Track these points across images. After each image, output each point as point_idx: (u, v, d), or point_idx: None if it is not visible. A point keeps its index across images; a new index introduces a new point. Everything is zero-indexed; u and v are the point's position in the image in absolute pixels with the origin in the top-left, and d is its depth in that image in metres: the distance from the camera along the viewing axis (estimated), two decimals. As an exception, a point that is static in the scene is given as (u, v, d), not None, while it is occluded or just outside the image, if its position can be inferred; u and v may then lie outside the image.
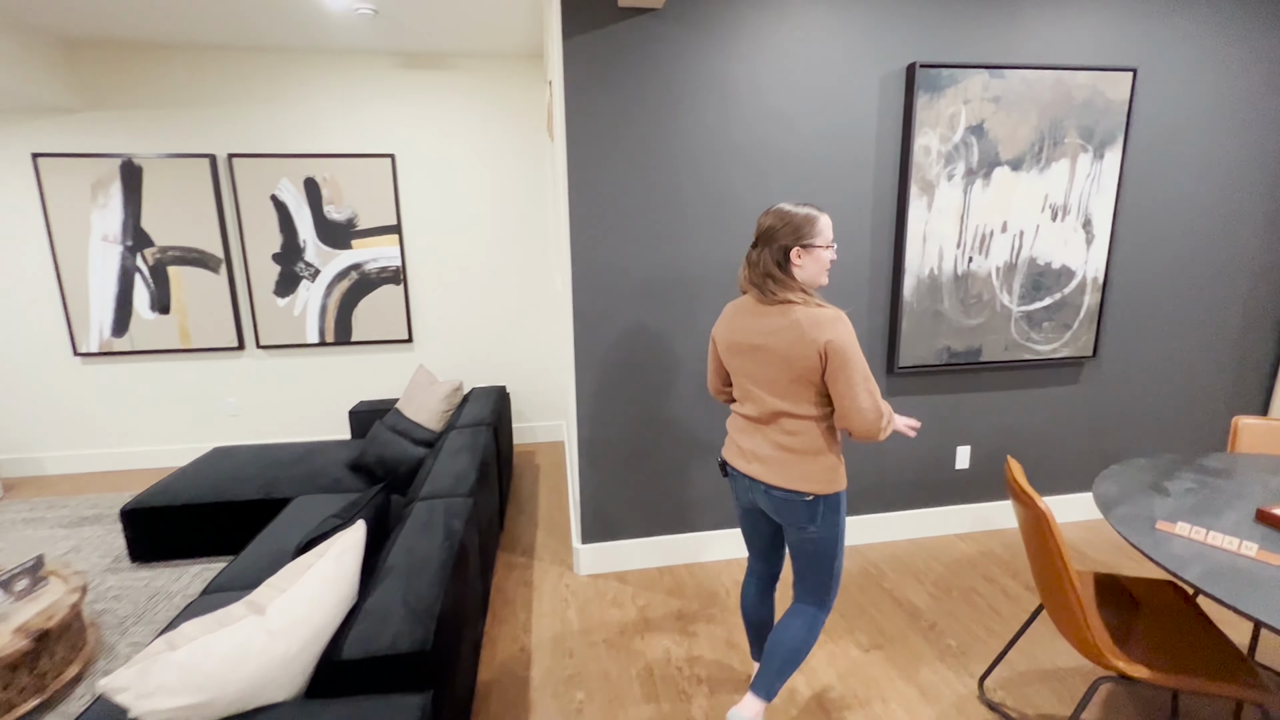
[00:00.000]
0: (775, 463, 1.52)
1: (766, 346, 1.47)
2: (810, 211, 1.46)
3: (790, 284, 1.46)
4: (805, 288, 1.47)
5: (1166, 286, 2.79)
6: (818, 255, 1.47)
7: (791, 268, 1.46)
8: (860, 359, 1.41)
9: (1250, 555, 1.29)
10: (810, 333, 1.40)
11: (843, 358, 1.39)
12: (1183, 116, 2.63)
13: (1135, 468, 1.78)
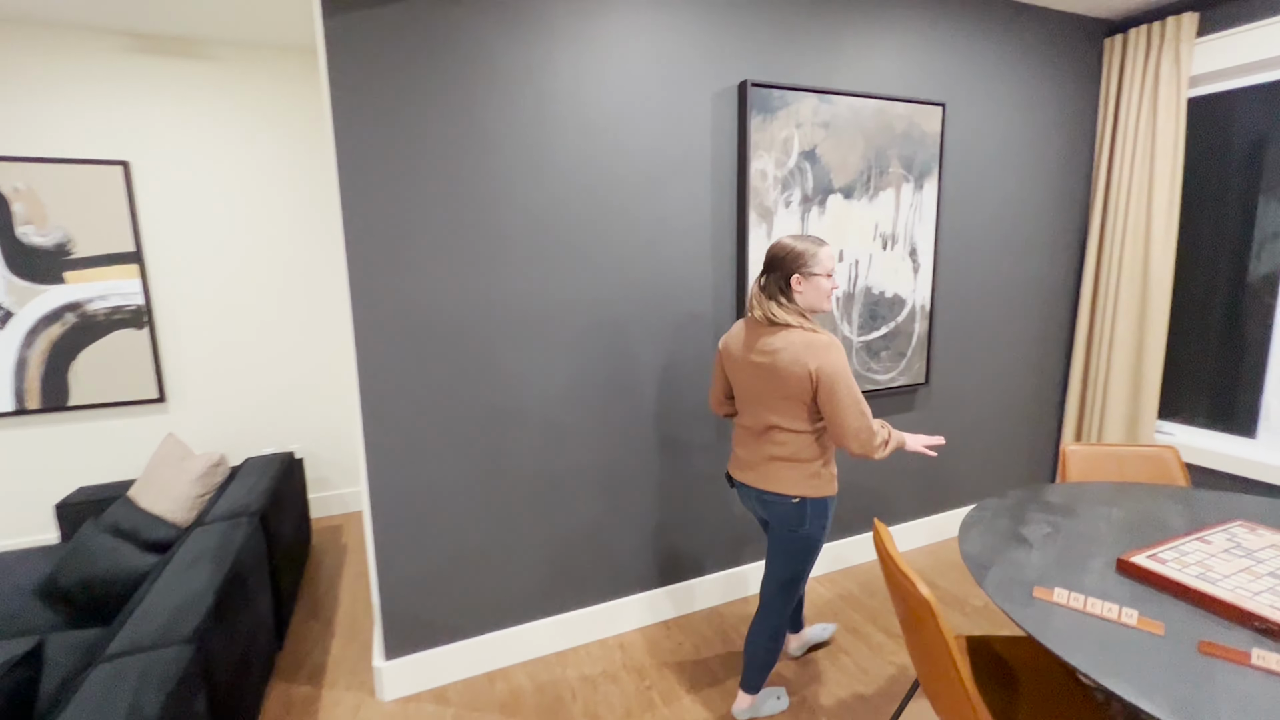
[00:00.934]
0: (765, 470, 1.68)
1: (765, 364, 1.61)
2: (809, 245, 1.60)
3: (791, 309, 1.61)
4: (805, 313, 1.62)
5: (981, 312, 2.91)
6: (817, 283, 1.61)
7: (793, 293, 1.61)
8: (850, 383, 1.53)
9: (1131, 624, 1.15)
10: (803, 356, 1.54)
11: (832, 381, 1.52)
12: (985, 150, 2.77)
13: (990, 513, 1.67)
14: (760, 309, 1.63)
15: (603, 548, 2.27)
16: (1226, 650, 1.06)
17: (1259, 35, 2.52)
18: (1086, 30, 2.93)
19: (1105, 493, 1.78)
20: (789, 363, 1.55)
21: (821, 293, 1.62)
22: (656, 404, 2.28)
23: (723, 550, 2.51)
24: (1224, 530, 1.46)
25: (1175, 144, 2.73)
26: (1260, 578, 1.25)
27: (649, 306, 2.21)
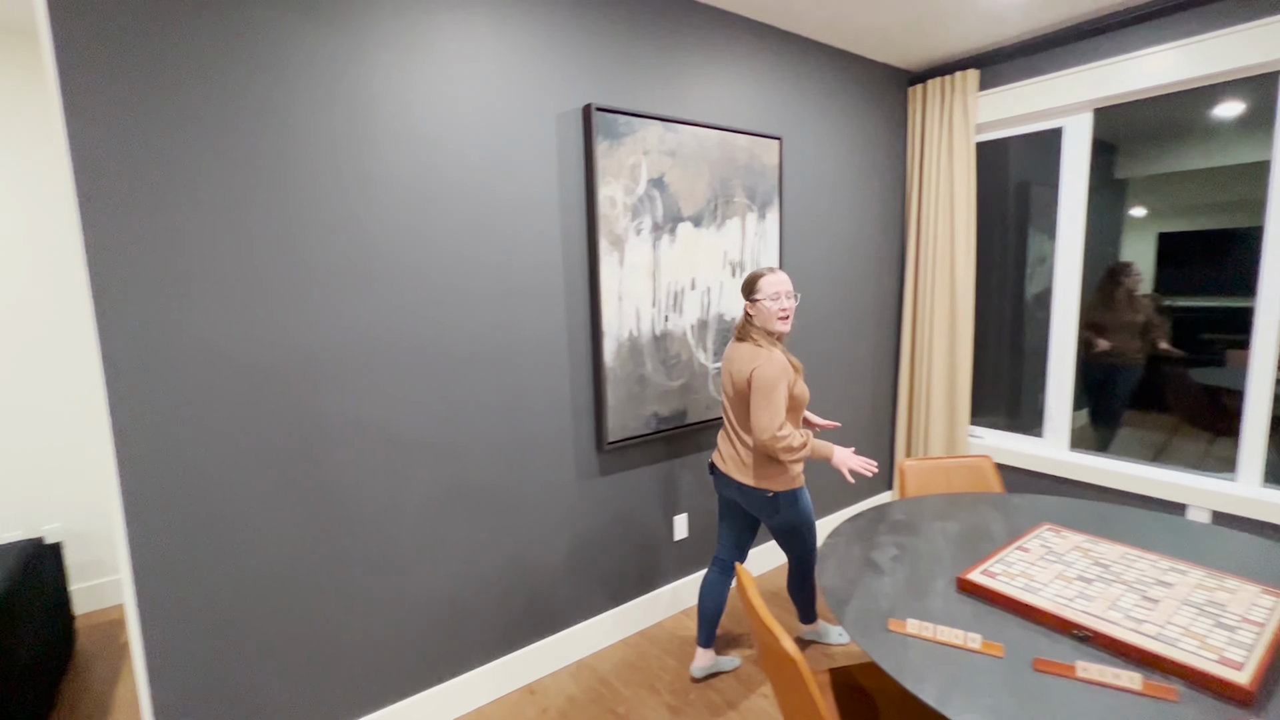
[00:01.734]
0: (737, 465, 2.00)
1: (727, 371, 2.00)
2: (756, 275, 1.96)
3: (755, 329, 1.96)
4: (768, 333, 1.94)
5: (822, 334, 3.08)
6: (761, 307, 1.93)
7: (750, 316, 1.97)
8: (773, 390, 1.82)
9: (976, 648, 1.17)
10: (747, 364, 1.89)
11: (759, 383, 1.84)
12: (818, 182, 2.95)
13: (842, 539, 1.69)
14: (737, 327, 2.03)
15: (458, 612, 2.02)
16: (1056, 666, 1.11)
17: (1021, 93, 2.95)
18: (895, 79, 3.27)
19: (939, 506, 1.90)
20: (738, 370, 1.93)
21: (768, 314, 1.92)
22: (510, 443, 2.08)
23: (596, 596, 2.36)
24: (1036, 536, 1.59)
25: (969, 181, 3.10)
26: (1071, 582, 1.36)
27: (495, 334, 2.02)
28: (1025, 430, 3.24)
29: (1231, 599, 1.27)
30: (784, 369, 1.84)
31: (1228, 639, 1.14)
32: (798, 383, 1.93)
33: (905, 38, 2.84)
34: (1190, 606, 1.25)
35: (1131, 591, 1.31)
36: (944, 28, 2.74)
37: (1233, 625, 1.18)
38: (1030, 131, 3.07)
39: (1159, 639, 1.14)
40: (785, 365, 1.85)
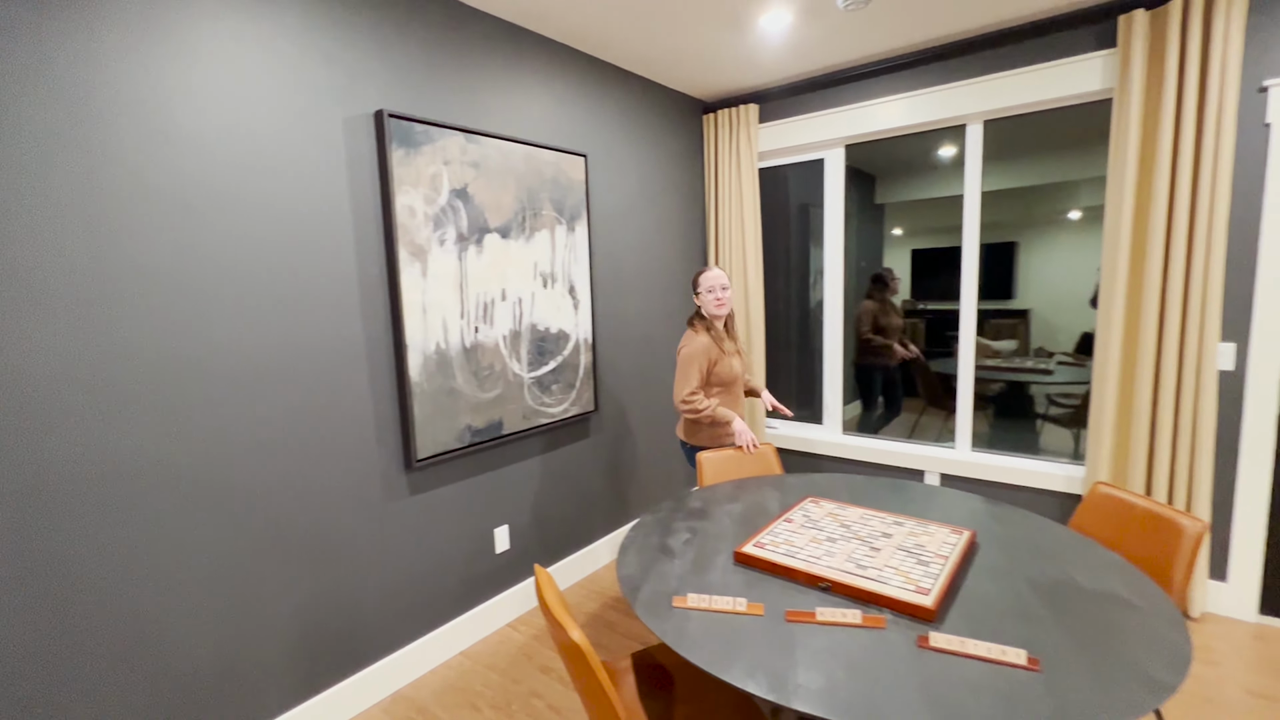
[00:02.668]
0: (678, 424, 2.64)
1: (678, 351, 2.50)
2: (697, 271, 2.65)
3: (695, 316, 2.51)
4: (702, 318, 2.48)
5: (637, 340, 3.26)
6: (700, 296, 2.47)
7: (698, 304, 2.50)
8: (687, 365, 2.40)
9: (742, 610, 1.35)
10: (680, 344, 2.47)
11: (679, 359, 2.43)
12: (624, 199, 3.13)
13: (644, 530, 1.82)
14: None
15: (243, 666, 1.80)
16: (802, 615, 1.32)
17: (791, 127, 3.41)
18: (692, 107, 3.58)
19: (729, 491, 2.12)
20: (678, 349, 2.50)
21: (705, 303, 2.45)
22: (303, 471, 1.91)
23: (412, 622, 2.25)
24: (800, 508, 1.86)
25: (755, 202, 3.50)
26: (822, 543, 1.61)
27: (280, 352, 1.85)
28: (814, 420, 3.74)
29: (930, 540, 1.60)
30: (702, 349, 2.38)
31: (923, 572, 1.44)
32: (720, 361, 2.42)
33: (696, 72, 3.14)
34: (902, 551, 1.55)
35: (863, 544, 1.60)
36: (725, 67, 3.08)
37: (928, 560, 1.49)
38: (802, 160, 3.56)
39: (876, 580, 1.41)
40: (705, 346, 2.39)
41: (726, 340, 2.49)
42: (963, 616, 1.31)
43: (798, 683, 1.12)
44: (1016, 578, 1.46)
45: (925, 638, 1.22)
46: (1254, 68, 2.27)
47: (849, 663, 1.17)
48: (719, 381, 2.46)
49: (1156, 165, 2.38)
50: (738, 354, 2.53)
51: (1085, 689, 1.07)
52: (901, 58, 2.99)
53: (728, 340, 2.51)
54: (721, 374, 2.45)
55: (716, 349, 2.43)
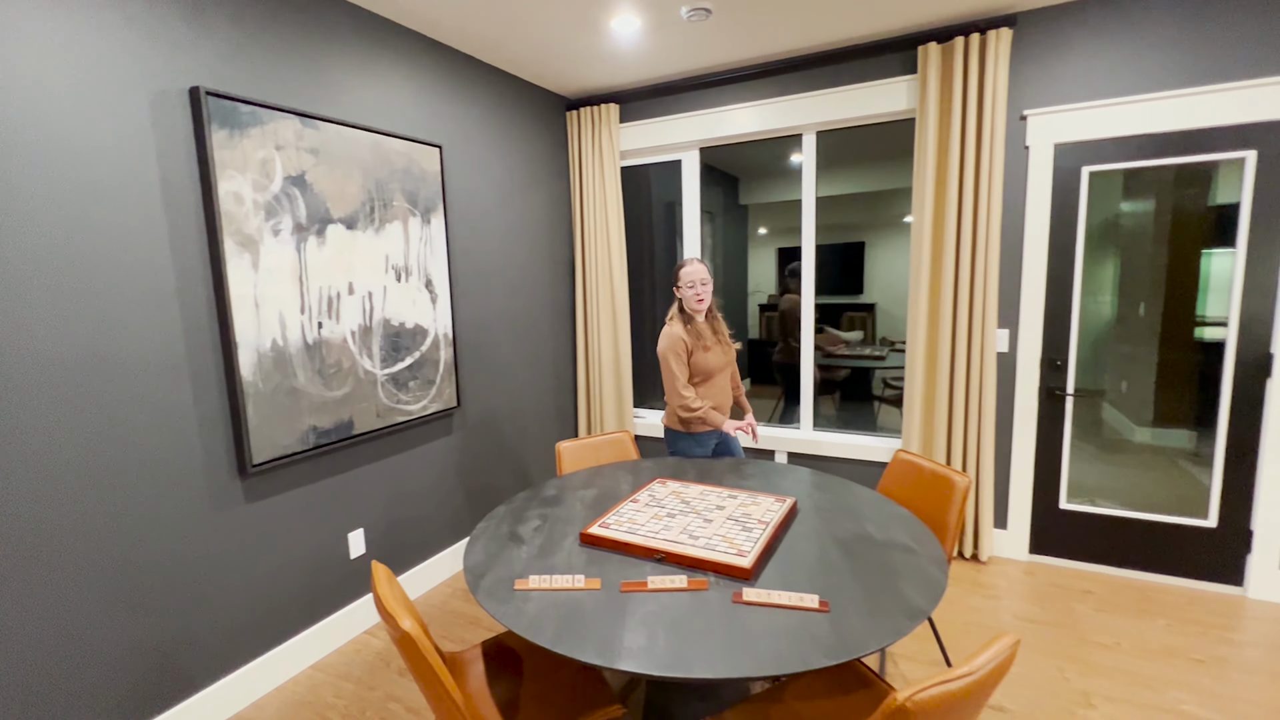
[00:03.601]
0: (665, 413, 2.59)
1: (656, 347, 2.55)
2: (677, 265, 2.51)
3: (675, 310, 2.52)
4: (680, 312, 2.51)
5: (503, 334, 3.25)
6: (680, 291, 2.48)
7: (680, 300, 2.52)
8: (664, 360, 2.45)
9: (581, 587, 1.42)
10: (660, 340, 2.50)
11: (660, 357, 2.46)
12: (486, 192, 3.10)
13: (496, 520, 1.85)
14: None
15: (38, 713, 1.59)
16: (635, 585, 1.42)
17: (651, 128, 3.56)
18: (555, 103, 3.61)
19: (585, 478, 2.20)
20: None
21: (686, 298, 2.45)
22: (110, 484, 1.72)
23: (252, 640, 2.09)
24: (647, 489, 1.98)
25: (618, 200, 3.61)
26: (663, 519, 1.73)
27: (76, 352, 1.65)
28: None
29: (757, 509, 1.78)
30: (674, 341, 2.41)
31: (746, 538, 1.60)
32: (696, 353, 2.43)
33: (558, 69, 3.18)
34: (732, 520, 1.71)
35: (699, 517, 1.74)
36: (586, 66, 3.15)
37: (751, 527, 1.66)
38: (662, 161, 3.72)
39: (705, 548, 1.55)
40: (677, 337, 2.41)
41: (707, 334, 2.48)
42: (776, 572, 1.48)
43: (624, 646, 1.21)
44: (825, 536, 1.67)
45: (739, 594, 1.37)
46: (1017, 99, 2.72)
47: (671, 623, 1.28)
48: (697, 372, 2.46)
49: (948, 178, 2.78)
50: (720, 346, 2.51)
51: (860, 621, 1.27)
52: (747, 69, 3.23)
53: (709, 334, 2.49)
54: (698, 365, 2.45)
55: (691, 340, 2.42)
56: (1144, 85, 2.50)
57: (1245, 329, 2.48)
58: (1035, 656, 2.21)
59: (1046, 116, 2.66)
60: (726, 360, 2.54)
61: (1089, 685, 2.06)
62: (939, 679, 0.95)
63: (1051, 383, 2.81)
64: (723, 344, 2.53)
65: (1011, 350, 2.85)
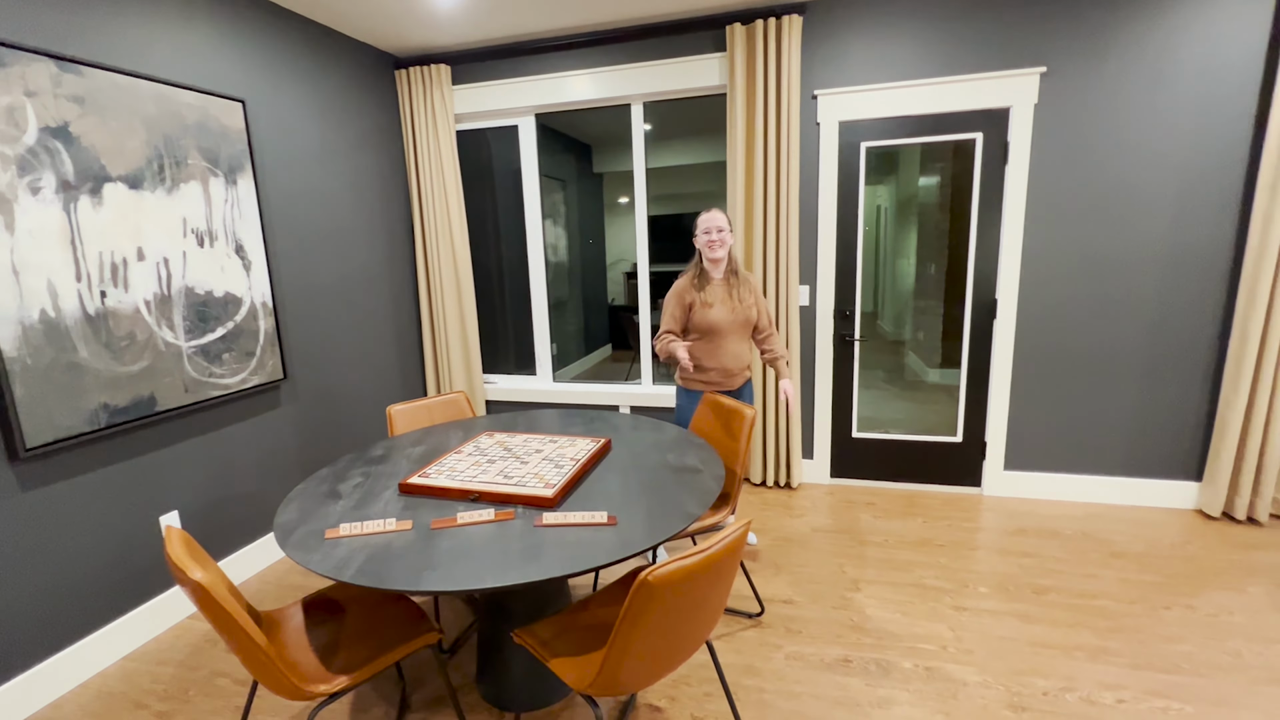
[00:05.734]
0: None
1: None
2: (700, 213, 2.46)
3: (692, 264, 2.50)
4: (695, 268, 2.48)
5: (335, 301, 3.13)
6: (697, 239, 2.45)
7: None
8: (666, 307, 2.47)
9: (392, 529, 1.51)
10: None
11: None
12: (305, 152, 2.93)
13: (317, 480, 1.86)
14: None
15: None
16: (445, 521, 1.53)
17: (485, 92, 3.54)
18: (382, 61, 3.46)
19: (415, 437, 2.26)
20: None
21: (700, 245, 2.44)
22: None
23: (43, 639, 1.92)
24: (474, 442, 2.08)
25: (454, 165, 3.57)
26: (483, 465, 1.85)
27: None
28: (529, 373, 4.02)
29: (573, 449, 1.96)
30: (675, 293, 2.44)
31: (557, 473, 1.76)
32: (697, 310, 2.39)
33: (382, 24, 3.05)
34: (548, 461, 1.87)
35: (517, 461, 1.88)
36: (412, 23, 3.05)
37: (563, 464, 1.83)
38: (500, 126, 3.72)
39: (518, 485, 1.69)
40: (679, 290, 2.43)
41: (718, 292, 2.37)
42: (579, 499, 1.66)
43: (427, 572, 1.33)
44: (629, 467, 1.88)
45: (540, 519, 1.53)
46: (809, 80, 3.07)
47: (476, 549, 1.42)
48: (696, 329, 2.40)
49: (755, 150, 3.09)
50: (727, 305, 2.37)
51: (641, 528, 1.48)
52: (579, 36, 3.31)
53: (720, 293, 2.38)
54: (698, 321, 2.39)
55: (694, 294, 2.37)
56: (906, 73, 2.94)
57: (979, 280, 3.05)
58: (823, 558, 2.64)
59: (833, 97, 3.04)
60: (735, 321, 2.40)
61: (859, 574, 2.51)
62: (676, 558, 1.18)
63: (842, 330, 3.27)
64: (735, 305, 2.40)
65: (812, 304, 3.27)
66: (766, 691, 1.88)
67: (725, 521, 2.19)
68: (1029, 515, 2.96)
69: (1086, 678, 1.88)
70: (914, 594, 2.35)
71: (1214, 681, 1.85)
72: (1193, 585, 2.35)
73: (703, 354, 2.44)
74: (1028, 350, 3.03)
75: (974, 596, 2.33)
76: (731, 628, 2.19)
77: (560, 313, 6.57)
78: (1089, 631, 2.10)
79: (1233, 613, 2.18)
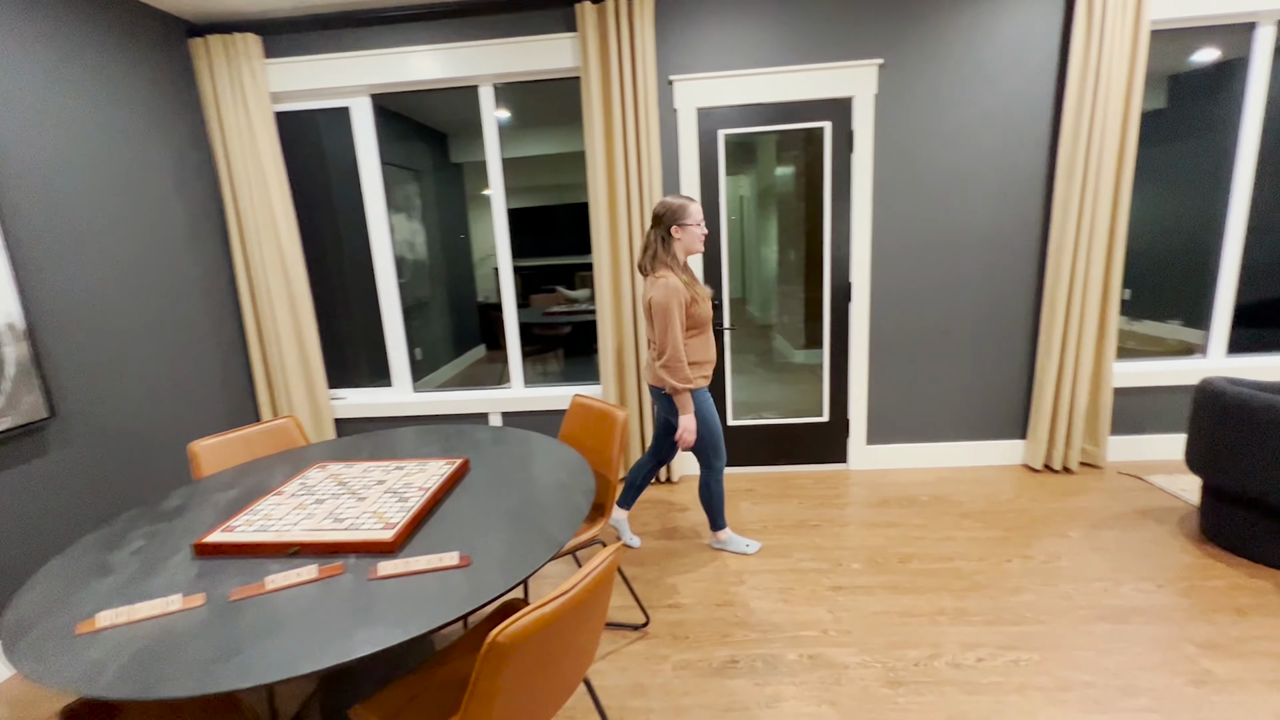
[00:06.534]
0: (649, 369, 2.37)
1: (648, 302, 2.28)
2: (684, 200, 2.26)
3: (664, 259, 2.26)
4: (672, 262, 2.26)
5: (115, 317, 2.57)
6: (690, 230, 2.26)
7: (674, 242, 2.26)
8: (668, 314, 2.18)
9: (177, 609, 1.19)
10: (647, 293, 2.26)
11: (656, 310, 2.20)
12: (53, 132, 2.35)
13: (80, 551, 1.46)
14: (641, 265, 2.32)
15: None
16: (248, 590, 1.24)
17: (307, 68, 3.08)
18: (169, 27, 2.88)
19: (228, 478, 1.88)
20: (643, 297, 2.30)
21: (694, 237, 2.26)
22: None
23: None
24: (299, 479, 1.76)
25: (275, 152, 3.09)
26: (308, 507, 1.55)
27: None
28: (385, 384, 3.62)
29: (422, 476, 1.71)
30: (673, 292, 2.17)
31: (400, 508, 1.52)
32: (694, 303, 2.25)
33: (148, -23, 2.51)
34: (391, 494, 1.61)
35: (352, 497, 1.60)
36: (193, -22, 2.55)
37: (409, 496, 1.58)
38: (330, 107, 3.26)
39: (350, 529, 1.42)
40: (676, 288, 2.17)
41: (696, 284, 2.32)
42: (427, 538, 1.43)
43: (222, 663, 1.04)
44: (489, 489, 1.67)
45: (374, 570, 1.29)
46: (665, 64, 2.99)
47: (289, 622, 1.15)
48: (695, 324, 2.30)
49: (614, 136, 2.95)
50: (703, 290, 2.34)
51: (498, 567, 1.29)
52: (416, 8, 2.97)
53: (697, 283, 2.33)
54: (696, 316, 2.28)
55: (688, 291, 2.24)
56: (759, 60, 2.95)
57: (835, 265, 3.17)
58: (705, 553, 2.60)
59: (689, 83, 2.98)
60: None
61: (742, 565, 2.49)
62: (529, 609, 1.01)
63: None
64: (705, 291, 2.37)
65: (681, 294, 3.21)
66: (654, 711, 1.77)
67: (597, 540, 2.05)
68: (890, 485, 3.13)
69: (950, 641, 1.98)
70: (793, 579, 2.37)
71: (1052, 626, 2.02)
72: (1027, 536, 2.59)
73: (702, 349, 2.35)
74: (880, 330, 3.20)
75: (848, 574, 2.39)
76: (617, 644, 2.07)
77: (424, 315, 6.09)
78: (949, 595, 2.22)
79: (1060, 557, 2.42)
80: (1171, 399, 3.22)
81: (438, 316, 6.34)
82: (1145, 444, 3.26)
